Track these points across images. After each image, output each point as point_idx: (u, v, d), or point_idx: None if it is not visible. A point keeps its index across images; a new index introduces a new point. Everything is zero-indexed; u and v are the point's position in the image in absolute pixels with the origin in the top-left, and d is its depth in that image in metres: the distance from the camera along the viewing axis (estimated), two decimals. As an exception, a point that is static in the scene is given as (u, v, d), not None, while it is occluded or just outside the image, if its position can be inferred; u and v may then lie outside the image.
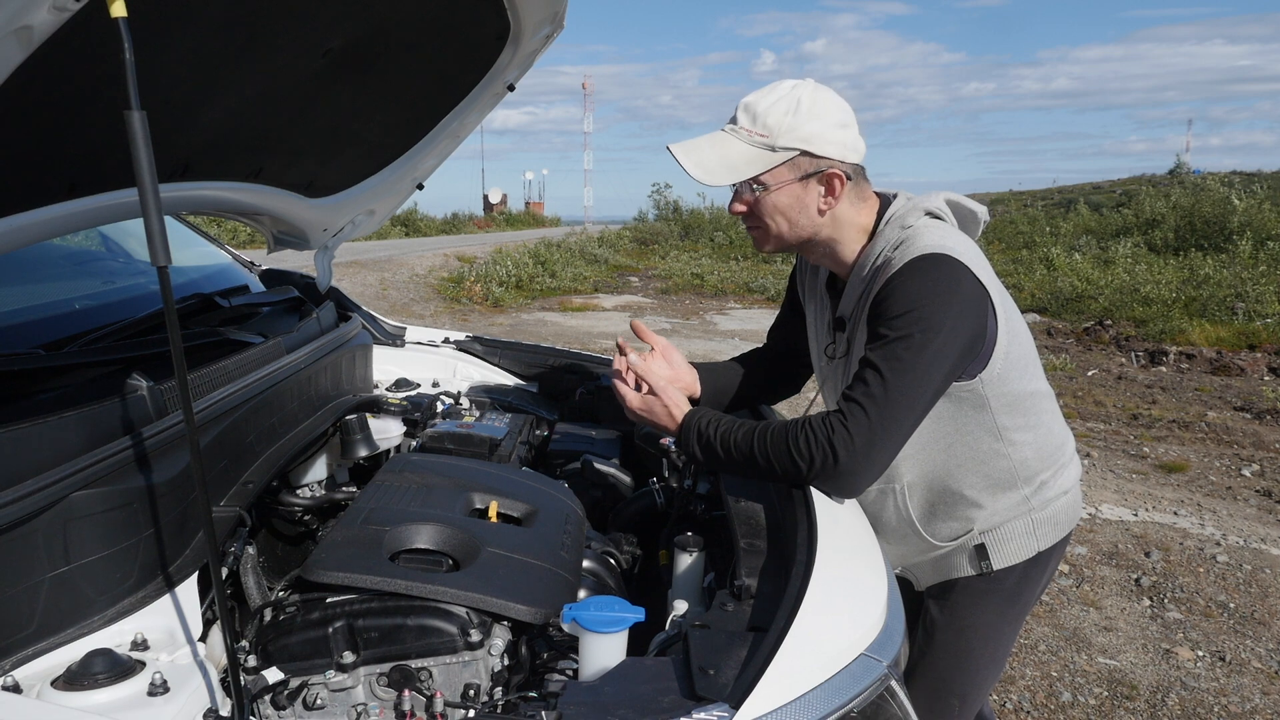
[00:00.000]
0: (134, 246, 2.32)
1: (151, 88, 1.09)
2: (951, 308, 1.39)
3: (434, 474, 1.59)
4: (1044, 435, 1.63)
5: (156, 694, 1.01)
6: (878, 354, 1.39)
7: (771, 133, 1.46)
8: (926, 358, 1.37)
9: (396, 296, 13.07)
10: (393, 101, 1.89)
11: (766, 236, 1.57)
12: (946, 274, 1.41)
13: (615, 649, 1.10)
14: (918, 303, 1.38)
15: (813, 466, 1.39)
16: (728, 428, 1.48)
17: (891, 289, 1.42)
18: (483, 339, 2.73)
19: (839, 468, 1.37)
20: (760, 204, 1.52)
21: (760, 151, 1.47)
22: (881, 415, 1.36)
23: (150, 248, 0.90)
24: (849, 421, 1.37)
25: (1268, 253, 12.81)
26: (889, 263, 1.46)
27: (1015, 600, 1.68)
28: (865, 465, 1.38)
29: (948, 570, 1.68)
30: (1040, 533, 1.63)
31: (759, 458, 1.43)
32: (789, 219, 1.53)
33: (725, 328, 11.37)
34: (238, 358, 1.64)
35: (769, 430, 1.44)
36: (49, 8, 0.88)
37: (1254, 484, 5.21)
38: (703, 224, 25.10)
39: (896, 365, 1.37)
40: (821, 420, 1.40)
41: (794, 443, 1.40)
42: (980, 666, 1.70)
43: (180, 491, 1.29)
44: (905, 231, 1.49)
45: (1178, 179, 26.65)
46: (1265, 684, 3.11)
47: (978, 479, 1.59)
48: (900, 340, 1.37)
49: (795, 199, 1.51)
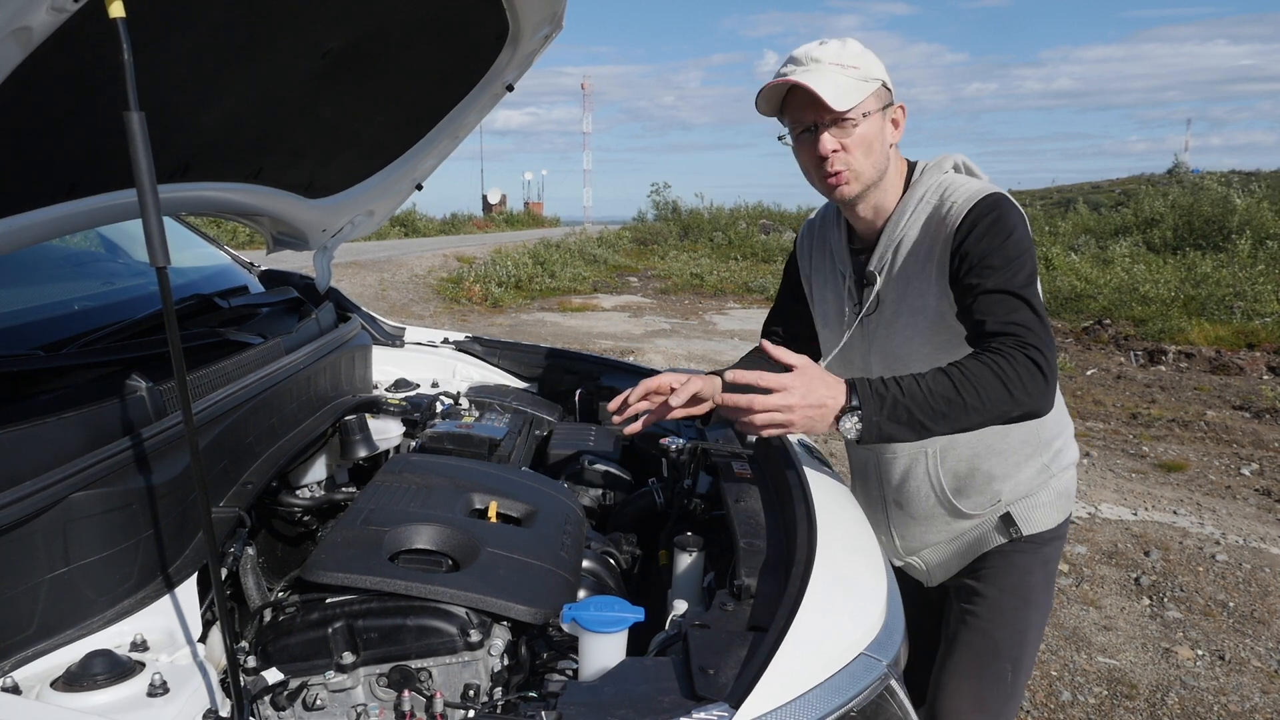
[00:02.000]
0: (133, 247, 2.32)
1: (150, 89, 1.09)
2: (1026, 237, 1.49)
3: (433, 474, 1.59)
4: (1057, 399, 1.68)
5: (156, 695, 1.01)
6: (1000, 280, 1.43)
7: (861, 65, 1.50)
8: (1034, 279, 1.47)
9: (396, 297, 13.07)
10: (392, 102, 1.89)
11: (856, 175, 1.56)
12: (1015, 210, 1.50)
13: (615, 649, 1.10)
14: (1008, 235, 1.46)
15: (1025, 390, 1.35)
16: (903, 383, 1.37)
17: (979, 229, 1.47)
18: (482, 339, 2.73)
19: (1047, 384, 1.37)
20: (853, 138, 1.53)
21: (859, 83, 1.50)
22: (1043, 325, 1.41)
23: (149, 249, 0.90)
24: (1030, 337, 1.38)
25: (1266, 252, 12.81)
26: (943, 208, 1.53)
27: (1043, 565, 1.73)
28: (1054, 376, 1.39)
29: (976, 547, 1.74)
30: (1059, 504, 1.72)
31: (967, 398, 1.34)
32: (872, 152, 1.55)
33: (725, 327, 11.37)
34: (237, 358, 1.64)
35: (962, 370, 1.37)
36: (48, 9, 0.88)
37: (1253, 483, 5.21)
38: (702, 224, 25.09)
39: (1025, 284, 1.43)
40: (1010, 347, 1.39)
41: (1002, 372, 1.35)
42: (1025, 628, 1.72)
43: (180, 492, 1.28)
44: (946, 177, 1.58)
45: (1176, 178, 26.66)
46: (1265, 683, 3.11)
47: (1005, 443, 1.64)
48: (1013, 264, 1.44)
49: (878, 130, 1.54)
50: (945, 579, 1.81)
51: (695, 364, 7.89)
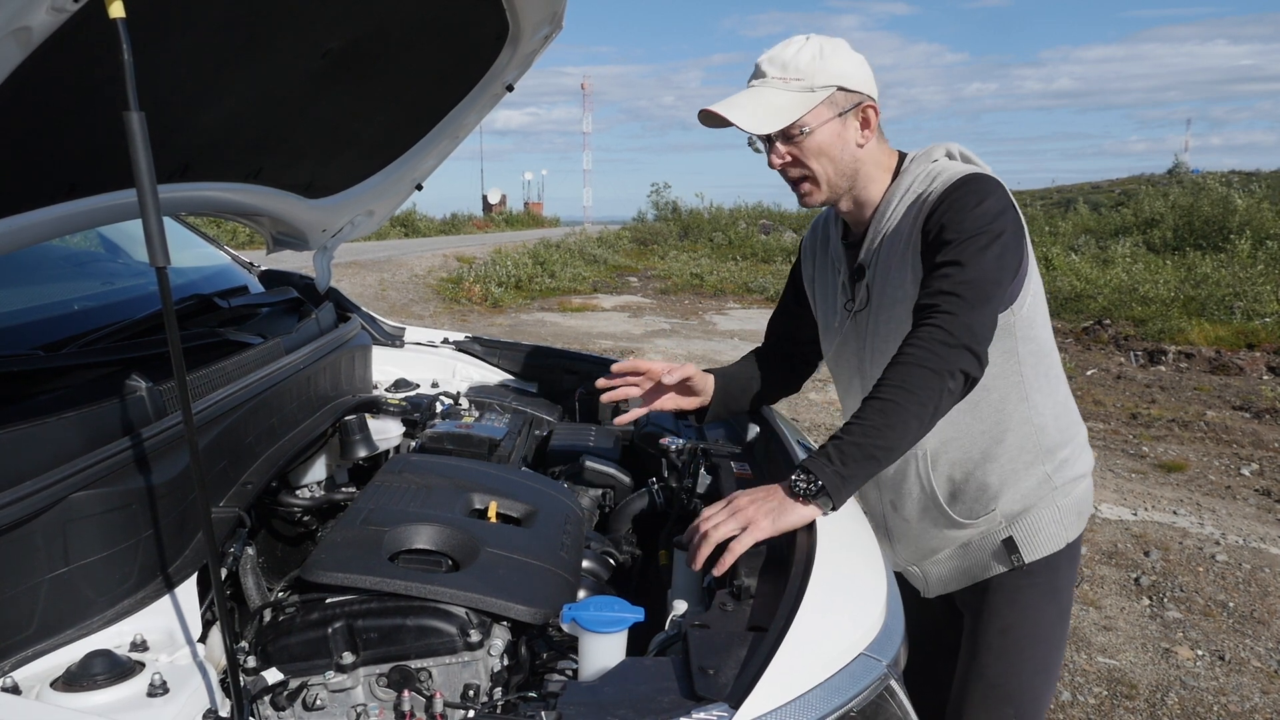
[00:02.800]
0: (133, 247, 2.32)
1: (150, 88, 1.09)
2: (1005, 215, 1.43)
3: (433, 474, 1.59)
4: (1062, 404, 1.64)
5: (156, 695, 1.01)
6: (948, 254, 1.40)
7: (805, 75, 1.49)
8: (993, 253, 1.40)
9: (396, 297, 13.07)
10: (392, 102, 1.89)
11: (816, 184, 1.56)
12: (995, 188, 1.46)
13: (615, 649, 1.10)
14: (975, 211, 1.42)
15: (941, 359, 1.32)
16: (843, 435, 1.32)
17: (946, 203, 1.45)
18: (482, 339, 2.73)
19: (954, 344, 1.33)
20: (804, 149, 1.52)
21: (799, 95, 1.49)
22: (970, 293, 1.36)
23: (149, 248, 0.90)
24: (945, 303, 1.36)
25: (1266, 252, 12.81)
26: (927, 192, 1.50)
27: (1053, 596, 1.65)
28: (972, 338, 1.35)
29: (977, 570, 1.67)
30: (1067, 521, 1.63)
31: (899, 398, 1.30)
32: (832, 158, 1.53)
33: (725, 328, 11.37)
34: (237, 358, 1.64)
35: (883, 379, 1.34)
36: (47, 8, 0.88)
37: (1253, 483, 5.21)
38: (702, 224, 25.11)
39: (969, 257, 1.39)
40: (920, 325, 1.37)
41: (913, 358, 1.32)
42: (1030, 671, 1.65)
43: (179, 492, 1.28)
44: (935, 165, 1.55)
45: (1176, 178, 26.67)
46: (1265, 683, 3.11)
47: (1000, 448, 1.59)
48: (967, 240, 1.40)
49: (836, 136, 1.52)
50: (944, 593, 1.75)
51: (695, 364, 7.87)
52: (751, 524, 1.26)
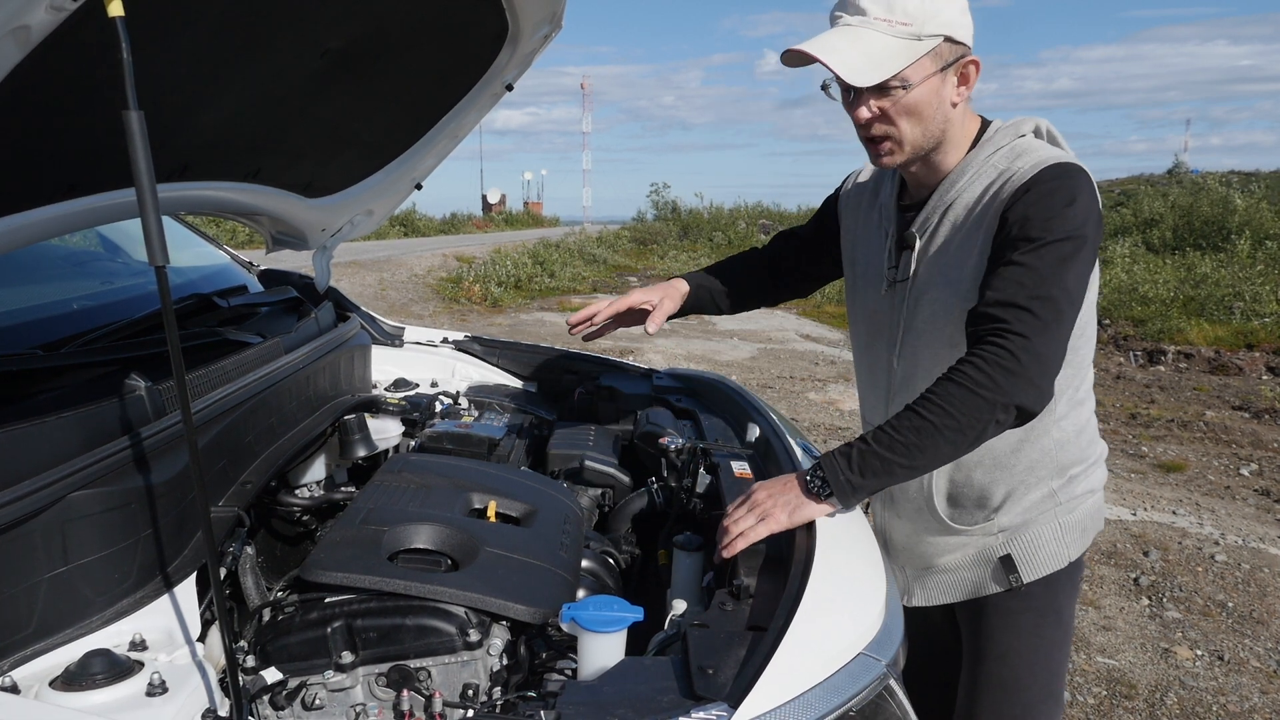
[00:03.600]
0: (132, 247, 2.32)
1: (149, 88, 1.09)
2: (1091, 220, 1.31)
3: (433, 474, 1.59)
4: (1084, 418, 1.56)
5: (155, 694, 1.01)
6: (1027, 256, 1.27)
7: (914, 19, 1.32)
8: (1076, 266, 1.28)
9: (395, 297, 13.07)
10: (391, 101, 1.89)
11: (900, 145, 1.40)
12: (1087, 185, 1.33)
13: (614, 649, 1.10)
14: (1066, 211, 1.29)
15: (996, 386, 1.21)
16: (873, 432, 1.27)
17: (1035, 193, 1.32)
18: (481, 339, 2.73)
19: (1019, 373, 1.22)
20: (899, 105, 1.35)
21: (906, 43, 1.32)
22: (1046, 308, 1.24)
23: (148, 248, 0.90)
24: (1014, 323, 1.24)
25: (1266, 252, 12.82)
26: (1010, 171, 1.38)
27: (1054, 618, 1.57)
28: (1039, 369, 1.24)
29: (973, 587, 1.60)
30: (1069, 539, 1.54)
31: (935, 418, 1.22)
32: (924, 118, 1.37)
33: (724, 327, 11.37)
34: (236, 358, 1.63)
35: (929, 392, 1.25)
36: (46, 7, 0.88)
37: (1252, 483, 5.22)
38: (701, 224, 25.11)
39: (1051, 267, 1.26)
40: (983, 339, 1.25)
41: (967, 378, 1.22)
42: (1033, 699, 1.58)
43: (178, 492, 1.28)
44: (1022, 140, 1.42)
45: (1176, 179, 26.68)
46: (1264, 683, 3.11)
47: (1016, 458, 1.50)
48: (1052, 245, 1.27)
49: (934, 93, 1.36)
50: (931, 605, 1.66)
51: (694, 364, 7.88)
52: (768, 516, 1.28)
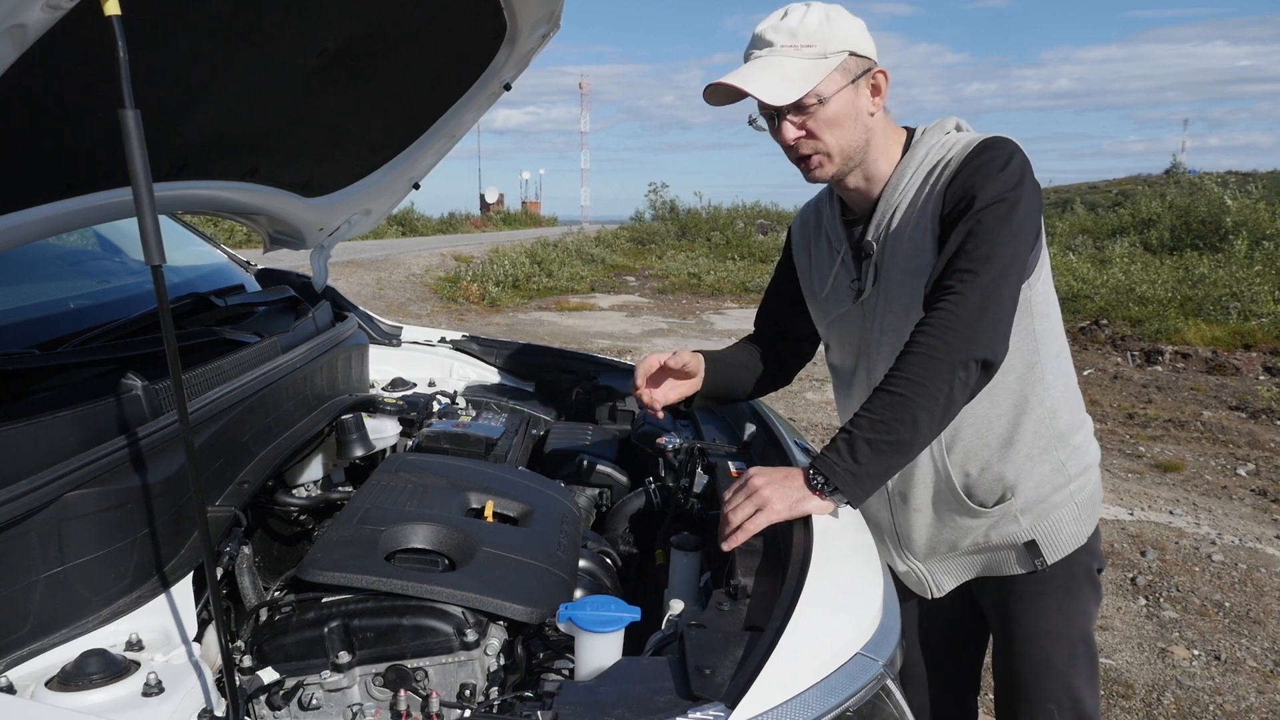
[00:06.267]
0: (129, 246, 2.31)
1: (146, 86, 1.09)
2: (1026, 181, 1.39)
3: (430, 474, 1.59)
4: (1070, 385, 1.61)
5: (151, 694, 1.01)
6: (969, 222, 1.36)
7: (817, 41, 1.43)
8: (1014, 222, 1.36)
9: (393, 296, 13.06)
10: (389, 101, 1.89)
11: (829, 157, 1.49)
12: (1017, 150, 1.42)
13: (611, 649, 1.10)
14: (1001, 174, 1.38)
15: (951, 345, 1.28)
16: (851, 429, 1.31)
17: (971, 165, 1.41)
18: (479, 338, 2.73)
19: (970, 323, 1.30)
20: (818, 120, 1.46)
21: (813, 63, 1.42)
22: (986, 269, 1.32)
23: (145, 247, 0.90)
24: (961, 285, 1.32)
25: (1263, 252, 12.83)
26: (946, 158, 1.47)
27: (1076, 595, 1.63)
28: (989, 322, 1.31)
29: (994, 566, 1.64)
30: (1084, 516, 1.62)
31: (906, 391, 1.28)
32: (845, 129, 1.47)
33: (722, 327, 11.38)
34: (233, 357, 1.63)
35: (892, 372, 1.32)
36: (43, 6, 0.88)
37: (1249, 483, 5.22)
38: (699, 224, 25.10)
39: (988, 227, 1.35)
40: (933, 307, 1.34)
41: (924, 346, 1.30)
42: (1066, 671, 1.63)
43: (175, 491, 1.28)
44: (950, 136, 1.51)
45: (1174, 179, 26.71)
46: (1260, 682, 3.12)
47: (1019, 432, 1.55)
48: (989, 207, 1.36)
49: (849, 104, 1.46)
50: (956, 585, 1.70)
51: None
52: (766, 506, 1.29)
